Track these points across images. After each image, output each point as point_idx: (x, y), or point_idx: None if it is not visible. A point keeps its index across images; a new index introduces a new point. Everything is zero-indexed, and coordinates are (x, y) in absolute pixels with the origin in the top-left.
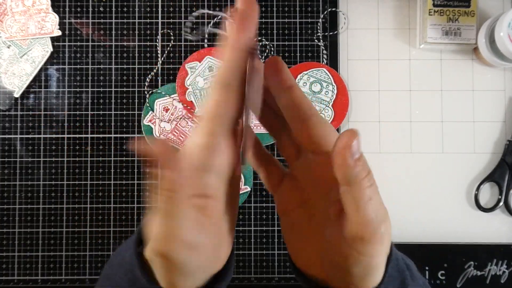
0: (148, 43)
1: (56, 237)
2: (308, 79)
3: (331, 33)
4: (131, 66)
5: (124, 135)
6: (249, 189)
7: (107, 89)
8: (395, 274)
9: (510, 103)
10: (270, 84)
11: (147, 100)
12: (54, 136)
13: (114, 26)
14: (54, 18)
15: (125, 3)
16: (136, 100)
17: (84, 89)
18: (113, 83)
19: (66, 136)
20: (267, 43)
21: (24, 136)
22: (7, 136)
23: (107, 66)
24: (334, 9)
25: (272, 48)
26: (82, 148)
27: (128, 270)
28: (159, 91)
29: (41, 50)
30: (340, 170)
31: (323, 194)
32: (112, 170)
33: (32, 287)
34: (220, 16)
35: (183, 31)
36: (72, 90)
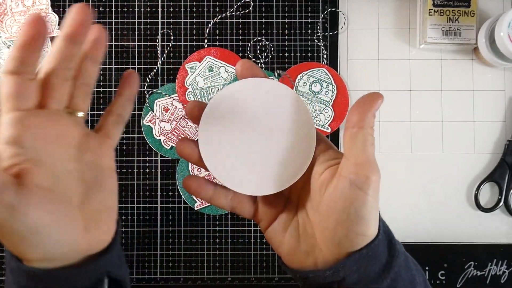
0: (148, 43)
1: None
2: (308, 79)
3: (331, 33)
4: (131, 66)
5: (124, 135)
6: None
7: (107, 89)
8: (385, 230)
9: (510, 103)
10: None
11: (147, 100)
12: None
13: (114, 26)
14: (54, 18)
15: (125, 3)
16: (136, 100)
17: None
18: (113, 83)
19: None
20: (267, 43)
21: None
22: None
23: (107, 66)
24: (334, 9)
25: (272, 48)
26: None
27: (7, 261)
28: (159, 91)
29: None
30: (361, 113)
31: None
32: None
33: None
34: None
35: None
36: None
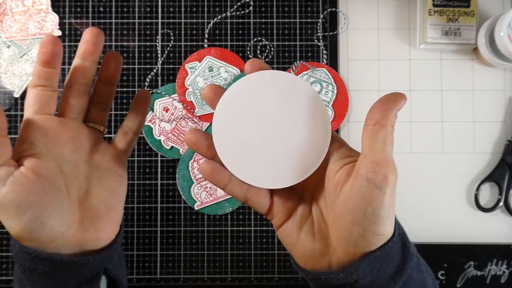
0: (148, 43)
1: None
2: (308, 79)
3: (331, 33)
4: (131, 66)
5: None
6: None
7: None
8: (399, 232)
9: (510, 103)
10: None
11: None
12: None
13: (114, 26)
14: (54, 18)
15: (125, 3)
16: None
17: None
18: None
19: None
20: (267, 43)
21: None
22: None
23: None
24: (334, 9)
25: (272, 48)
26: None
27: (11, 246)
28: (159, 91)
29: None
30: (385, 110)
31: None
32: None
33: None
34: None
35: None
36: None
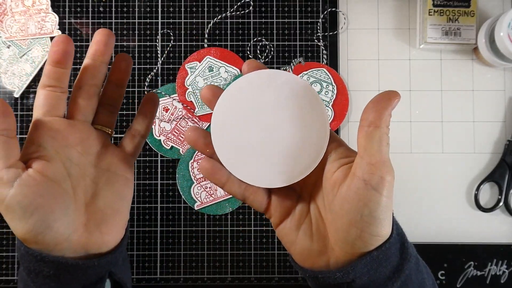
0: (148, 43)
1: None
2: (308, 79)
3: (331, 33)
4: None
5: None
6: None
7: None
8: (398, 233)
9: (510, 103)
10: None
11: None
12: None
13: (114, 26)
14: (54, 18)
15: (125, 3)
16: (136, 100)
17: None
18: None
19: None
20: (267, 43)
21: (24, 136)
22: None
23: (107, 66)
24: (334, 9)
25: (272, 48)
26: None
27: (17, 248)
28: (159, 91)
29: (41, 50)
30: (378, 111)
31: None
32: None
33: None
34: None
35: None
36: None
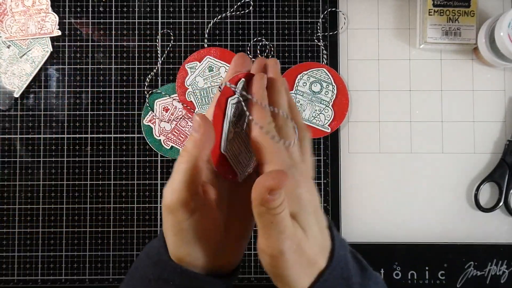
0: (148, 43)
1: (56, 237)
2: (308, 79)
3: (331, 33)
4: (131, 66)
5: (124, 135)
6: None
7: (107, 89)
8: (337, 276)
9: (510, 103)
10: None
11: (147, 100)
12: (54, 136)
13: (114, 26)
14: (54, 18)
15: (125, 3)
16: (136, 100)
17: (84, 89)
18: (113, 83)
19: (66, 136)
20: (267, 43)
21: (24, 136)
22: (7, 136)
23: (107, 66)
24: (334, 9)
25: (272, 48)
26: (82, 148)
27: (155, 254)
28: (159, 91)
29: (41, 50)
30: (254, 206)
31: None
32: (112, 170)
33: (32, 287)
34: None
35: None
36: (72, 90)
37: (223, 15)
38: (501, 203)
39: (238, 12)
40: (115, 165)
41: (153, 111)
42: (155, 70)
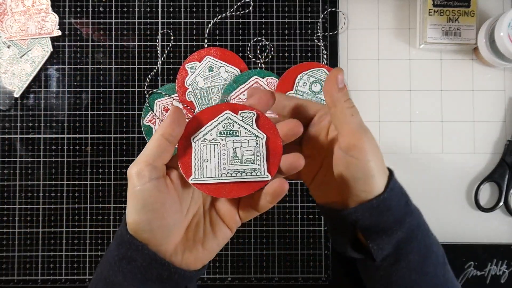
0: (148, 43)
1: (56, 237)
2: (308, 79)
3: (331, 33)
4: (131, 66)
5: (124, 135)
6: None
7: (107, 89)
8: (398, 192)
9: (510, 103)
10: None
11: (147, 100)
12: (54, 136)
13: (114, 26)
14: (54, 18)
15: (125, 3)
16: (136, 100)
17: (84, 89)
18: (113, 83)
19: (66, 136)
20: (267, 43)
21: (24, 136)
22: (7, 136)
23: (107, 66)
24: (334, 9)
25: (272, 48)
26: (82, 148)
27: (119, 235)
28: (159, 91)
29: (41, 50)
30: (329, 94)
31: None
32: (112, 170)
33: (32, 287)
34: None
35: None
36: (72, 90)
37: (223, 15)
38: (501, 203)
39: (238, 12)
40: (115, 165)
41: (153, 111)
42: (155, 70)
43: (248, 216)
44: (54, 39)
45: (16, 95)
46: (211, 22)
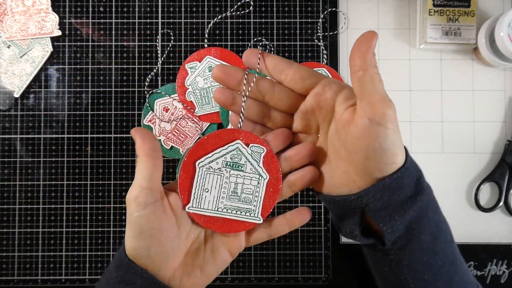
0: (148, 43)
1: (56, 237)
2: None
3: (331, 33)
4: (131, 66)
5: (124, 135)
6: None
7: (107, 89)
8: (413, 168)
9: (510, 103)
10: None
11: (147, 100)
12: (54, 136)
13: (114, 26)
14: (54, 18)
15: (125, 3)
16: (136, 100)
17: (84, 89)
18: (113, 83)
19: (66, 136)
20: (267, 43)
21: (24, 136)
22: (7, 136)
23: (107, 66)
24: (334, 9)
25: (272, 48)
26: (82, 148)
27: (118, 257)
28: (159, 91)
29: (41, 50)
30: (362, 56)
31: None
32: (112, 170)
33: (32, 287)
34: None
35: None
36: (72, 90)
37: (223, 15)
38: (501, 203)
39: (238, 12)
40: (115, 165)
41: (153, 111)
42: (155, 70)
43: (259, 241)
44: (54, 39)
45: (16, 95)
46: (211, 22)
